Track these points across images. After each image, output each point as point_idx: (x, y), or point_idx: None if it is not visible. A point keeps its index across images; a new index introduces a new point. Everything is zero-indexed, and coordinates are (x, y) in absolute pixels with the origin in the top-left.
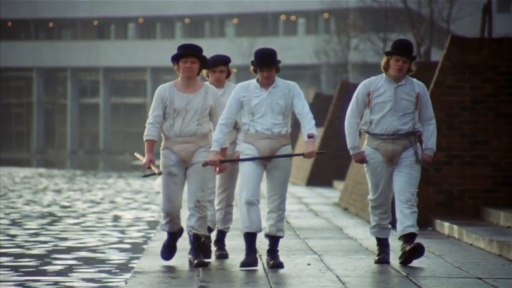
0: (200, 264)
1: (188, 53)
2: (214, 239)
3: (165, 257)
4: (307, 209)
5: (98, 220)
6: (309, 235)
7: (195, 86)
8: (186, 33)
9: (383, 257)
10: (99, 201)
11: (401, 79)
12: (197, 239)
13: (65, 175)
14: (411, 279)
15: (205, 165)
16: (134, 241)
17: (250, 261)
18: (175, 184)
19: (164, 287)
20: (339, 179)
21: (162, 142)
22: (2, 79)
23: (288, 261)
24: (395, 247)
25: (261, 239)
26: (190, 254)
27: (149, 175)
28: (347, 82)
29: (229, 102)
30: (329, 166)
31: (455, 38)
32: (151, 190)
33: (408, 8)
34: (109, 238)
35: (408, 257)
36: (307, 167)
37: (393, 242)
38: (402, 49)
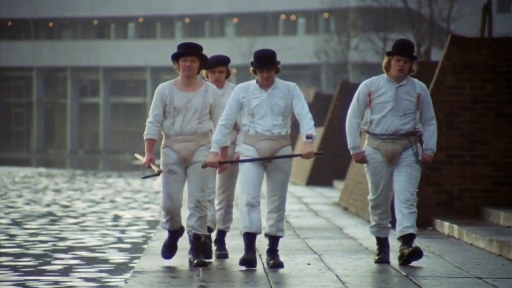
0: (200, 264)
1: (188, 52)
2: (214, 239)
3: (165, 256)
4: (307, 209)
5: (98, 219)
6: (309, 235)
7: (195, 84)
8: (186, 33)
9: (383, 257)
10: (99, 201)
11: (402, 79)
12: (197, 239)
13: (65, 174)
14: (411, 279)
15: (204, 166)
16: (134, 241)
17: (249, 257)
18: (175, 182)
19: (164, 287)
20: (339, 178)
21: (162, 140)
22: (2, 79)
23: (288, 261)
24: (395, 246)
25: (261, 239)
26: (190, 254)
27: (149, 176)
28: (347, 82)
29: (229, 103)
30: (329, 166)
31: (455, 38)
32: (151, 189)
33: (408, 8)
34: (109, 237)
35: (407, 259)
36: (307, 167)
37: (393, 241)
38: (403, 49)
